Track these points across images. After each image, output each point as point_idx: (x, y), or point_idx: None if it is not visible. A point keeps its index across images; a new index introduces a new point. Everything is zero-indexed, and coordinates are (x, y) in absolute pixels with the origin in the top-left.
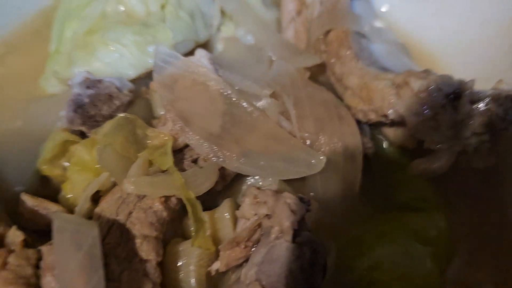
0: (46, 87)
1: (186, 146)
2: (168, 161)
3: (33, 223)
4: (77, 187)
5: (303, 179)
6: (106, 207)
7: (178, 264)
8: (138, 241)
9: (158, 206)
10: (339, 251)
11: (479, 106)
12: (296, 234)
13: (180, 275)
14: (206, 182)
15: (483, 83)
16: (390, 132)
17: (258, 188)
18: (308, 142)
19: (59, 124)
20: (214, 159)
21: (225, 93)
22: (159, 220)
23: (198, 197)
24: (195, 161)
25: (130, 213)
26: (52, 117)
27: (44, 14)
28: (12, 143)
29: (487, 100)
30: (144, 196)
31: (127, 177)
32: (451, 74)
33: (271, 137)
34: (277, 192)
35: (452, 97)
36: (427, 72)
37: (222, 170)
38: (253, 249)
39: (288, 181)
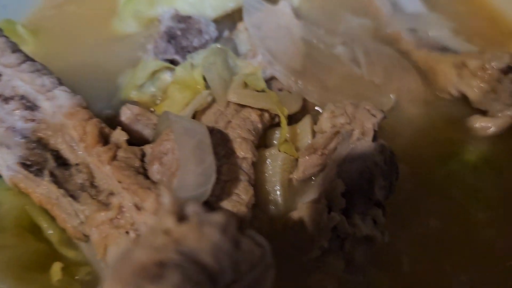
0: (122, 27)
1: (271, 79)
2: (262, 83)
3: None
4: (176, 104)
5: None
6: (205, 119)
7: (265, 166)
8: (238, 140)
9: (255, 117)
10: None
11: None
12: (375, 136)
13: (266, 176)
14: (295, 104)
15: None
16: None
17: (335, 105)
18: (377, 84)
19: (145, 56)
20: (298, 89)
21: (306, 37)
22: (255, 129)
23: None
24: (280, 90)
25: (229, 121)
26: (131, 53)
27: None
28: (93, 74)
29: None
30: (241, 109)
31: (231, 89)
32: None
33: (346, 78)
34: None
35: (505, 70)
36: (481, 52)
37: (304, 101)
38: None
39: None
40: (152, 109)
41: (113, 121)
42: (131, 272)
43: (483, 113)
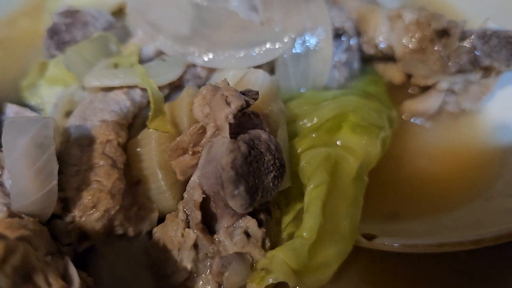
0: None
1: (158, 53)
2: (132, 59)
3: None
4: (48, 102)
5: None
6: (75, 112)
7: (139, 151)
8: (97, 124)
9: (120, 95)
10: None
11: (465, 43)
12: (235, 129)
13: (143, 162)
14: (170, 72)
15: None
16: (381, 67)
17: (206, 87)
18: (276, 27)
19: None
20: (183, 57)
21: (194, 2)
22: (121, 109)
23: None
24: None
25: (95, 108)
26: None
27: None
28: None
29: (472, 37)
30: (109, 93)
31: (89, 73)
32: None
33: (239, 29)
34: (218, 87)
35: (440, 33)
36: (420, 8)
37: (193, 68)
38: None
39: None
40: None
41: None
42: None
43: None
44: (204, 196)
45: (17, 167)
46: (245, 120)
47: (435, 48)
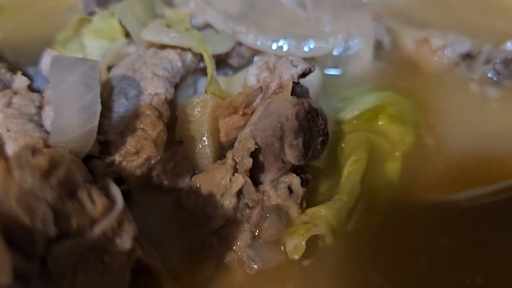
0: None
1: (205, 26)
2: (186, 23)
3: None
4: (91, 55)
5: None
6: (122, 63)
7: (192, 112)
8: (149, 76)
9: (173, 55)
10: None
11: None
12: (296, 90)
13: (192, 125)
14: (222, 44)
15: None
16: None
17: (263, 60)
18: (323, 25)
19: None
20: (231, 33)
21: None
22: (173, 68)
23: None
24: None
25: (145, 62)
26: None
27: None
28: (34, 41)
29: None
30: (161, 50)
31: (146, 28)
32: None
33: (288, 21)
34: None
35: (464, 56)
36: (445, 33)
37: (239, 46)
38: None
39: None
40: None
41: None
42: None
43: None
44: (256, 146)
45: (63, 101)
46: (299, 89)
47: (460, 70)
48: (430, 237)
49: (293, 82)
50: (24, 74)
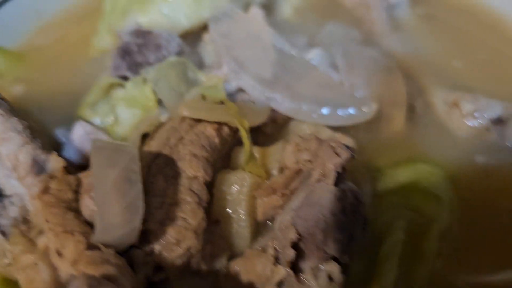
0: (99, 44)
1: (238, 91)
2: (221, 94)
3: (79, 155)
4: (124, 124)
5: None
6: (157, 136)
7: (229, 191)
8: (187, 158)
9: (210, 131)
10: None
11: None
12: (338, 178)
13: (230, 203)
14: (258, 115)
15: None
16: None
17: (301, 137)
18: (356, 90)
19: (105, 74)
20: (265, 100)
21: (278, 45)
22: (210, 145)
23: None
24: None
25: (182, 138)
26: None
27: None
28: (64, 96)
29: None
30: (197, 124)
31: (183, 102)
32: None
33: (321, 85)
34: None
35: (495, 120)
36: (476, 97)
37: (272, 113)
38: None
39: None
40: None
41: None
42: None
43: None
44: (298, 236)
45: (106, 200)
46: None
47: (491, 134)
48: None
49: (337, 172)
50: (52, 137)
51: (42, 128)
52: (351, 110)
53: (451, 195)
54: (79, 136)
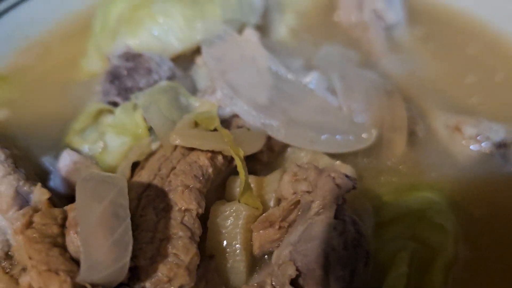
0: (87, 66)
1: (233, 116)
2: (215, 121)
3: (66, 185)
4: (113, 152)
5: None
6: (147, 165)
7: (223, 224)
8: (179, 189)
9: (204, 160)
10: None
11: None
12: (338, 210)
13: (224, 237)
14: (254, 143)
15: None
16: None
17: (299, 166)
18: (355, 115)
19: (94, 98)
20: (261, 126)
21: (273, 68)
22: (203, 175)
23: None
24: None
25: (174, 168)
26: (89, 95)
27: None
28: (48, 121)
29: None
30: (189, 153)
31: (174, 130)
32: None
33: (318, 110)
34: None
35: (498, 144)
36: (478, 120)
37: (268, 140)
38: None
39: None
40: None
41: None
42: None
43: None
44: (297, 272)
45: (92, 237)
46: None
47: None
48: None
49: (337, 204)
50: (38, 165)
51: (27, 156)
52: (350, 137)
53: (455, 225)
54: (65, 166)
